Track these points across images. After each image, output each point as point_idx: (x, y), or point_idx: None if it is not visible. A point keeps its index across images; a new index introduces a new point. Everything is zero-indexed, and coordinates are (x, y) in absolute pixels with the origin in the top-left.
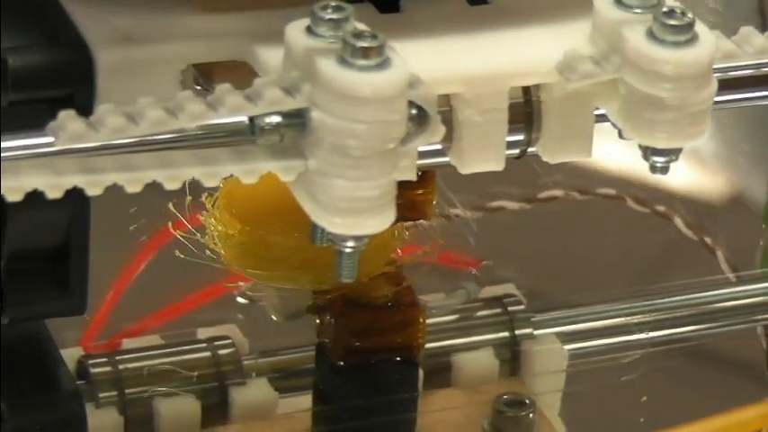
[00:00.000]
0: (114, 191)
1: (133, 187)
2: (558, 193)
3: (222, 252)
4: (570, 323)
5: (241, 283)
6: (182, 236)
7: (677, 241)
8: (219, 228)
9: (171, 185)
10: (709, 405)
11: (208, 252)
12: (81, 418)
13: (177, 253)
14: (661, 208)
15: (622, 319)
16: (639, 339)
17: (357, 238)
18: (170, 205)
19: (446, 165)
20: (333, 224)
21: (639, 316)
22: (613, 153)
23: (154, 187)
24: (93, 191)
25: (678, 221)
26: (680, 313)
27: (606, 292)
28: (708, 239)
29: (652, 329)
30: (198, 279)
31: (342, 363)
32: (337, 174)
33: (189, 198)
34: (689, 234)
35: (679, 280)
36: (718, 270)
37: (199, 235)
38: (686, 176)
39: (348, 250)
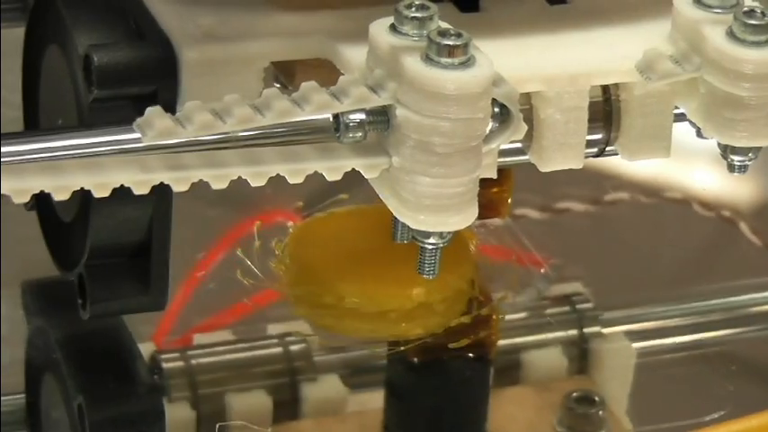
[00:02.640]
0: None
1: (219, 184)
2: (623, 195)
3: (293, 302)
4: (638, 321)
5: None
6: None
7: (741, 245)
8: (289, 277)
9: (256, 182)
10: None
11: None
12: (159, 412)
13: (239, 276)
14: (726, 213)
15: (689, 318)
16: (705, 338)
17: (439, 235)
18: (256, 226)
19: (525, 162)
20: (417, 221)
21: (704, 315)
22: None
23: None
24: (179, 187)
25: (743, 226)
26: (741, 313)
27: (671, 293)
28: None
29: (717, 329)
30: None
31: (415, 360)
32: (422, 171)
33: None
34: (754, 239)
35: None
36: None
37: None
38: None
39: (430, 247)
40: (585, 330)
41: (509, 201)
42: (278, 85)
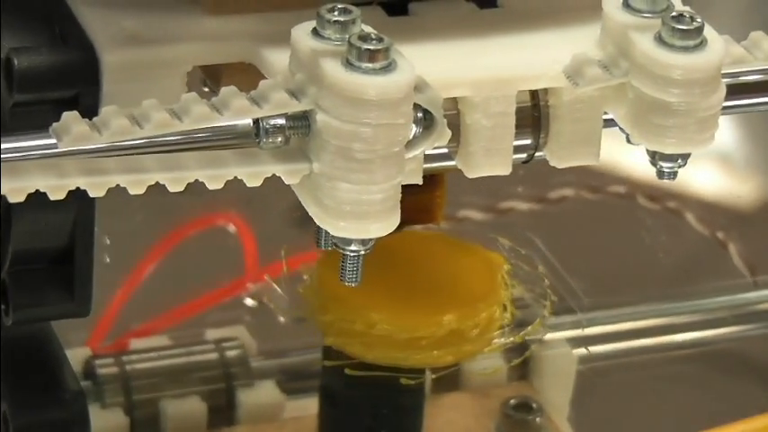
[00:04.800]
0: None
1: (136, 189)
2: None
3: (321, 329)
4: (580, 327)
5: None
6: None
7: (689, 238)
8: (317, 303)
9: (174, 188)
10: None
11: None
12: (84, 419)
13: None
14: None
15: (631, 323)
16: (649, 344)
17: (361, 242)
18: (282, 254)
19: (453, 168)
20: (337, 228)
21: (649, 320)
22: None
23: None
24: (96, 192)
25: (689, 217)
26: (690, 319)
27: (616, 298)
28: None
29: (661, 334)
30: (208, 280)
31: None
32: (342, 177)
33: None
34: (701, 229)
35: (693, 286)
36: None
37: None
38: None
39: (351, 254)
40: (527, 336)
41: (443, 206)
42: (206, 89)
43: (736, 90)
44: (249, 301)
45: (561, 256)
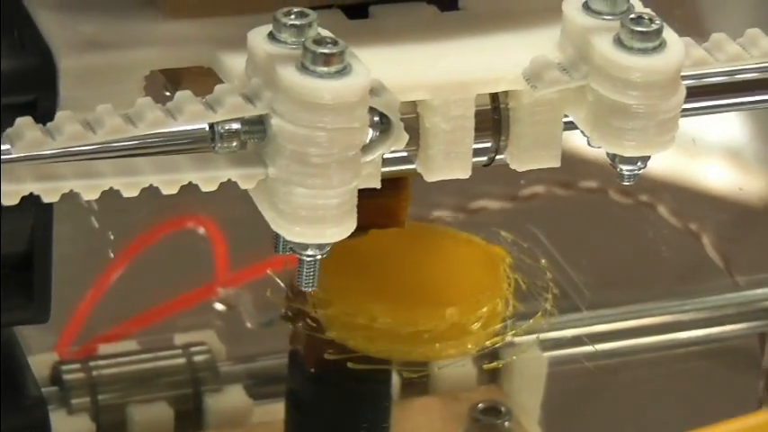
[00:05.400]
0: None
1: (90, 194)
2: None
3: (323, 321)
4: (551, 330)
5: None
6: None
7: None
8: (320, 297)
9: (128, 193)
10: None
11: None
12: (45, 426)
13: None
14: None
15: (603, 326)
16: (620, 347)
17: (318, 247)
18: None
19: (413, 172)
20: (293, 233)
21: (618, 323)
22: None
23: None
24: (49, 198)
25: (662, 210)
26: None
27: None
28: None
29: (633, 336)
30: (178, 284)
31: (313, 370)
32: (297, 182)
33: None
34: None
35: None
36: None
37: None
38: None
39: (308, 259)
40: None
41: (407, 209)
42: (168, 94)
43: (698, 93)
44: (219, 306)
45: (561, 251)
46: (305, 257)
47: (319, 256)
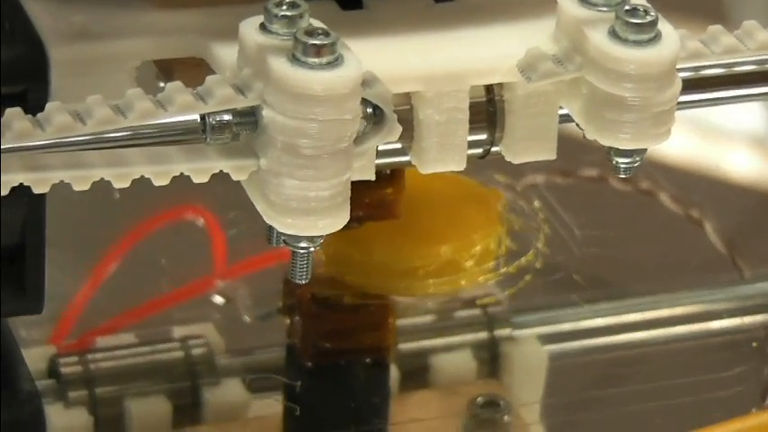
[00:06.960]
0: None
1: (81, 185)
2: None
3: (322, 257)
4: (551, 324)
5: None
6: None
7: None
8: None
9: (120, 184)
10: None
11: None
12: (39, 420)
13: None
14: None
15: (603, 319)
16: (621, 341)
17: (310, 239)
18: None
19: (407, 164)
20: (285, 225)
21: (621, 316)
22: None
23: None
24: (40, 188)
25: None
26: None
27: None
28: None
29: (633, 330)
30: (176, 276)
31: (310, 364)
32: (289, 173)
33: None
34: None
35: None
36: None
37: None
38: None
39: (301, 251)
40: (496, 333)
41: (402, 201)
42: (162, 85)
43: (694, 85)
44: (218, 299)
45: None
46: (298, 250)
47: (312, 249)
